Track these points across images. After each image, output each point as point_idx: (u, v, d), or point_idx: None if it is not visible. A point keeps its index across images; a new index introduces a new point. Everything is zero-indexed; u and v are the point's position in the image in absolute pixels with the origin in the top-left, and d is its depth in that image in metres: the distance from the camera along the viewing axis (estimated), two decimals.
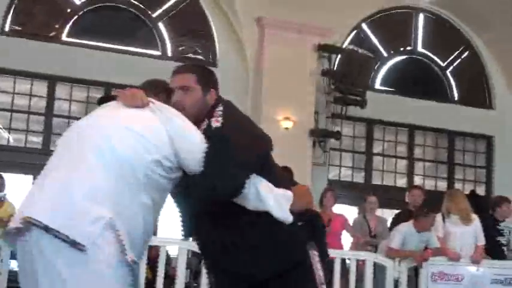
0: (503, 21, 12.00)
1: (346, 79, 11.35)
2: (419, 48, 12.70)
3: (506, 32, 12.09)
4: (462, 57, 12.89)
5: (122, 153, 2.79)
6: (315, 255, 3.24)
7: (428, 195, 9.54)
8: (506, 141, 12.49)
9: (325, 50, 11.12)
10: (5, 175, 8.55)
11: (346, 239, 9.02)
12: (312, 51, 10.99)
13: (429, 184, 12.40)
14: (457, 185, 12.18)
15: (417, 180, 12.31)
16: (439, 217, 7.91)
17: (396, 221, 8.61)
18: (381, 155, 12.36)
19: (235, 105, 3.26)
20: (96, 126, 2.92)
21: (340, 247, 8.53)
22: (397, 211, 9.44)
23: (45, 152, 10.36)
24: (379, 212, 9.56)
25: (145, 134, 2.85)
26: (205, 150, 2.92)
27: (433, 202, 8.45)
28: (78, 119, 10.93)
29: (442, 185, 12.43)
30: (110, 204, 2.71)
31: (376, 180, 12.17)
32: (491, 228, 8.38)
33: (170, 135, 2.89)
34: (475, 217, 8.00)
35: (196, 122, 3.07)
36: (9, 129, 10.46)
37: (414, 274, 7.80)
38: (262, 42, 10.80)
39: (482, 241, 7.92)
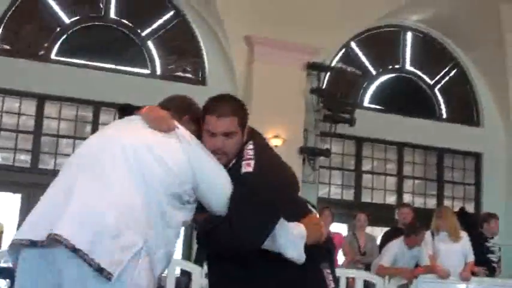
0: (490, 39, 12.10)
1: (335, 97, 11.40)
2: (408, 66, 12.78)
3: (494, 50, 12.19)
4: (450, 75, 12.98)
5: (150, 182, 2.62)
6: (328, 275, 3.21)
7: (418, 212, 9.56)
8: (494, 159, 12.54)
9: (314, 68, 11.17)
10: None
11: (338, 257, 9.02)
12: (301, 69, 11.03)
13: (418, 201, 12.43)
14: (446, 202, 12.20)
15: (406, 198, 12.33)
16: (428, 234, 7.92)
17: (385, 238, 8.61)
18: (370, 173, 12.38)
19: (264, 139, 3.12)
20: (127, 146, 2.69)
21: (337, 265, 8.52)
22: (386, 229, 9.44)
23: (34, 170, 10.33)
24: (369, 229, 9.56)
25: (173, 166, 2.67)
26: (233, 195, 2.77)
27: (422, 220, 8.46)
28: (67, 137, 10.80)
29: (432, 202, 12.45)
30: (141, 232, 2.53)
31: (365, 198, 12.18)
32: (480, 246, 8.40)
33: (194, 171, 2.73)
34: (464, 234, 8.02)
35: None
36: None
37: None
38: (251, 61, 10.84)
39: (471, 258, 7.93)
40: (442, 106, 12.84)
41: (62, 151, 10.62)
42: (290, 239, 2.94)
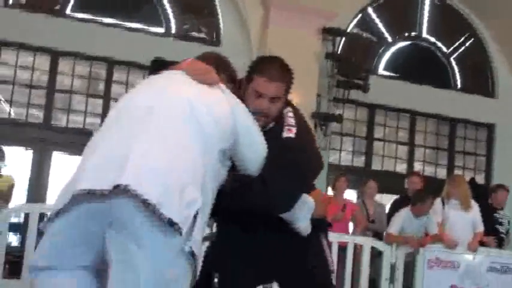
0: (508, 9, 11.93)
1: (349, 63, 11.32)
2: (424, 34, 12.63)
3: (511, 20, 12.05)
4: (467, 44, 12.83)
5: (208, 135, 2.55)
6: (326, 246, 3.24)
7: (428, 181, 9.58)
8: (507, 130, 12.46)
9: (330, 33, 11.06)
10: (5, 148, 8.55)
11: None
12: (317, 33, 10.94)
13: (429, 171, 12.40)
14: (457, 173, 12.14)
15: (417, 167, 12.31)
16: (438, 202, 7.93)
17: (394, 207, 8.64)
18: (381, 140, 12.35)
19: (298, 109, 3.17)
20: (181, 98, 2.61)
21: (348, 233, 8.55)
22: (395, 197, 9.45)
23: (46, 126, 10.37)
24: (378, 197, 9.57)
25: (221, 119, 2.63)
26: (270, 156, 2.77)
27: (432, 189, 8.46)
28: (80, 94, 10.78)
29: (442, 172, 12.42)
30: (199, 188, 2.46)
31: (376, 166, 12.16)
32: (489, 216, 8.41)
33: (237, 124, 2.70)
34: (474, 204, 8.02)
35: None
36: (11, 103, 10.43)
37: (413, 260, 7.82)
38: (267, 23, 10.75)
39: (481, 228, 7.94)
40: (457, 76, 12.72)
41: (75, 108, 10.64)
42: (303, 212, 2.98)
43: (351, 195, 10.74)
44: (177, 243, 2.33)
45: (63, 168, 10.12)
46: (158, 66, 2.92)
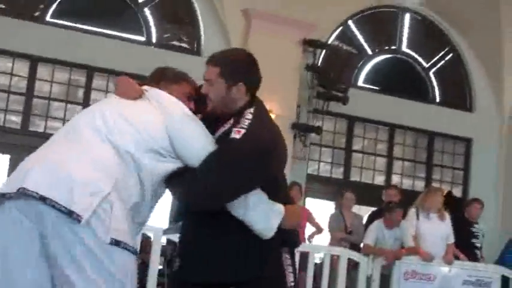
0: (487, 25, 12.07)
1: (329, 75, 11.38)
2: (404, 48, 12.73)
3: (490, 36, 12.17)
4: (446, 59, 12.95)
5: (121, 141, 2.81)
6: (287, 259, 3.19)
7: (406, 194, 9.63)
8: (485, 145, 12.58)
9: (310, 44, 11.12)
10: None
11: (325, 236, 9.10)
12: (297, 45, 10.99)
13: (407, 183, 12.48)
14: (435, 185, 12.23)
15: (395, 179, 12.38)
16: (412, 213, 7.98)
17: (371, 218, 8.66)
18: (360, 152, 12.40)
19: (266, 111, 3.20)
20: (99, 114, 2.90)
21: (304, 240, 8.57)
22: (373, 209, 9.49)
23: (24, 132, 10.30)
24: (356, 208, 9.60)
25: (145, 128, 2.86)
26: (212, 153, 2.88)
27: (409, 201, 8.51)
28: (58, 100, 10.77)
29: (420, 185, 12.50)
30: (109, 179, 2.67)
31: (354, 177, 12.22)
32: (465, 230, 8.47)
33: (168, 128, 2.89)
34: (447, 215, 8.08)
35: (226, 115, 3.09)
36: None
37: (388, 272, 7.85)
38: (248, 34, 10.77)
39: (452, 239, 8.00)
40: (436, 89, 12.83)
41: (53, 114, 10.58)
42: (263, 212, 2.97)
43: (328, 206, 10.78)
44: (83, 231, 2.55)
45: None
46: None
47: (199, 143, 2.92)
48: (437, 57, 12.88)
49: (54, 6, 10.63)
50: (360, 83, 12.35)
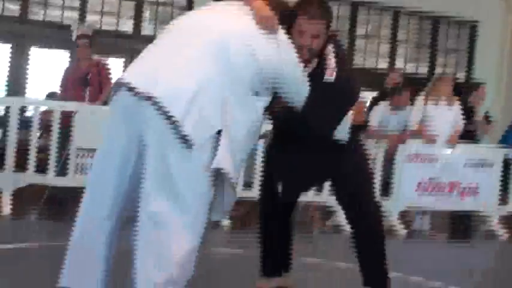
0: None
1: None
2: None
3: None
4: None
5: (234, 65, 2.86)
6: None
7: (409, 78, 9.60)
8: (489, 28, 12.42)
9: None
10: None
11: None
12: None
13: (411, 68, 12.42)
14: (439, 70, 12.21)
15: (399, 64, 12.29)
16: (420, 99, 7.98)
17: (373, 102, 8.68)
18: (364, 37, 12.26)
19: (341, 45, 3.61)
20: (222, 28, 2.95)
21: None
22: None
23: (24, 21, 10.19)
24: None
25: (262, 56, 2.93)
26: (314, 96, 3.23)
27: (413, 85, 8.52)
28: None
29: (424, 69, 12.45)
30: (221, 113, 2.78)
31: (358, 62, 12.13)
32: (465, 113, 8.49)
33: (281, 65, 3.02)
34: (457, 102, 8.07)
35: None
36: None
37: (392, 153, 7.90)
38: None
39: (459, 124, 8.01)
40: None
41: (52, 2, 10.40)
42: (345, 129, 3.57)
43: None
44: (192, 155, 2.71)
45: (41, 62, 10.08)
46: None
47: (302, 77, 3.20)
48: None
49: None
50: None
